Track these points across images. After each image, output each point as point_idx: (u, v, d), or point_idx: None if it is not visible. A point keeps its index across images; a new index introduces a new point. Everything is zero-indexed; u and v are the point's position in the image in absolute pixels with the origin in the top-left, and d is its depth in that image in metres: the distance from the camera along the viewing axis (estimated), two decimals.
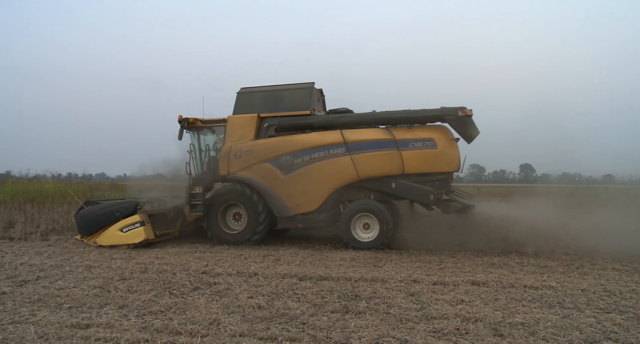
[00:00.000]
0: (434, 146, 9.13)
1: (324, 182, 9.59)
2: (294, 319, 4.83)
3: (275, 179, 9.83)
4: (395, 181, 9.37)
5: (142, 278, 6.65)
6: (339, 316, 4.91)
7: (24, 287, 6.18)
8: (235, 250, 9.13)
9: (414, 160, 9.20)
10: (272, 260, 8.09)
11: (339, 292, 5.88)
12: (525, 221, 9.11)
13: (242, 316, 4.93)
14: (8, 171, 24.87)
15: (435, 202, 9.13)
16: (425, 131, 9.35)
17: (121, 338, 4.24)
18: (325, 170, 9.55)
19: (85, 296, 5.67)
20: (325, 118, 10.12)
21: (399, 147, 9.26)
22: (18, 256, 8.49)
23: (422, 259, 8.27)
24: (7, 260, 8.08)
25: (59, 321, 4.74)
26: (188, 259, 8.15)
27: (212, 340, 4.20)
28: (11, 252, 8.99)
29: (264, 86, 10.77)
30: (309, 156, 9.64)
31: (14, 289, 6.03)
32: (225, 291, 5.93)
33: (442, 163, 9.19)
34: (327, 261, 8.00)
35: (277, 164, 9.81)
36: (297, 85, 10.54)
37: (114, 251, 9.04)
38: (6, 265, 7.64)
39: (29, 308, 5.24)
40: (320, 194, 9.64)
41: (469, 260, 8.12)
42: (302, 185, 9.68)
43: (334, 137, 9.59)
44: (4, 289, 6.03)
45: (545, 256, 8.39)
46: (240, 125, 10.27)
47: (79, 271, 7.13)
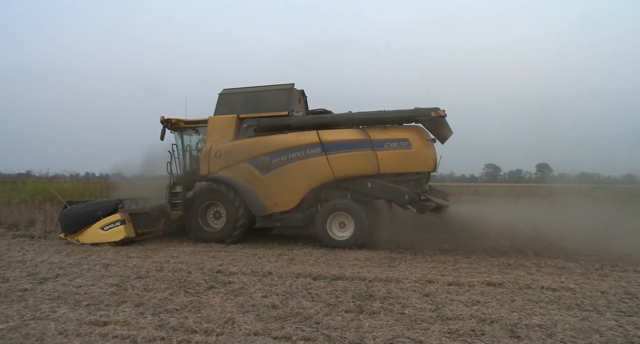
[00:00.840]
0: (409, 146, 9.24)
1: (300, 181, 9.75)
2: (308, 318, 4.83)
3: (254, 179, 10.01)
4: (371, 181, 9.49)
5: (158, 276, 6.73)
6: (353, 316, 4.90)
7: (44, 284, 6.30)
8: (249, 249, 9.18)
9: (389, 160, 9.32)
10: (286, 259, 8.11)
11: (353, 292, 5.87)
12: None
13: (257, 315, 4.95)
14: (29, 171, 25.43)
15: (410, 201, 9.20)
16: (401, 132, 9.47)
17: (138, 335, 4.29)
18: (301, 170, 9.70)
19: (102, 294, 5.76)
20: (302, 119, 10.24)
21: (374, 148, 9.39)
22: (38, 254, 8.66)
23: (437, 259, 8.21)
24: (28, 258, 8.25)
25: (77, 318, 4.82)
26: (203, 258, 8.22)
27: (227, 339, 4.23)
28: (32, 250, 9.17)
29: (245, 87, 10.96)
30: (286, 156, 9.81)
31: (34, 286, 6.15)
32: (240, 290, 5.96)
33: (417, 163, 9.30)
34: (341, 261, 8.00)
35: (255, 164, 10.01)
36: (277, 86, 10.71)
37: (131, 249, 9.15)
38: (27, 263, 7.80)
39: (49, 304, 5.34)
40: (297, 194, 9.81)
41: (485, 261, 8.04)
42: (280, 184, 9.86)
43: (310, 138, 9.74)
44: (25, 286, 6.16)
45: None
46: (221, 125, 10.49)
47: (97, 269, 7.24)
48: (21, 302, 5.46)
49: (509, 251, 8.72)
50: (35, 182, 18.59)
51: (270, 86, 10.77)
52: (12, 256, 8.47)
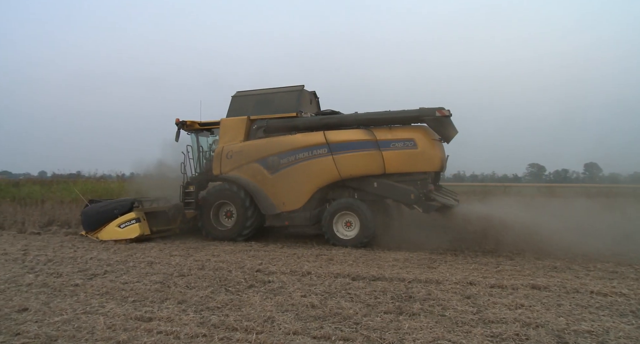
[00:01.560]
0: (415, 146, 9.26)
1: (307, 181, 9.92)
2: (347, 319, 4.83)
3: (263, 179, 10.23)
4: (377, 181, 9.54)
5: (200, 274, 6.90)
6: (392, 317, 4.86)
7: (94, 280, 6.58)
8: (288, 249, 9.26)
9: (394, 160, 9.36)
10: (325, 259, 8.13)
11: (392, 293, 5.81)
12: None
13: (296, 314, 4.99)
14: (79, 171, 26.69)
15: (415, 201, 9.19)
16: (406, 131, 9.49)
17: (181, 331, 4.41)
18: (308, 170, 9.87)
19: (147, 291, 5.95)
20: (310, 120, 10.39)
21: (380, 148, 9.45)
22: (88, 251, 9.05)
23: (479, 261, 8.02)
24: (79, 254, 8.64)
25: (124, 313, 5.00)
26: (243, 257, 8.35)
27: (266, 337, 4.27)
28: (82, 247, 9.60)
29: (257, 89, 11.22)
30: (294, 156, 9.99)
31: (85, 282, 6.43)
32: (279, 290, 6.02)
33: (423, 163, 9.31)
34: (380, 261, 7.94)
35: (264, 164, 10.23)
36: (286, 88, 10.94)
37: (174, 248, 9.42)
38: (78, 259, 8.17)
39: (98, 299, 5.57)
40: (304, 193, 9.98)
41: (529, 263, 7.78)
42: (288, 184, 10.03)
43: (317, 138, 9.88)
44: (76, 281, 6.46)
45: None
46: (232, 127, 10.77)
47: (142, 267, 7.49)
48: (73, 296, 5.73)
49: (555, 253, 8.40)
50: (85, 182, 19.48)
51: (281, 88, 11.01)
52: (64, 252, 8.89)
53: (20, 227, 12.48)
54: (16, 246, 9.66)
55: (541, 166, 63.58)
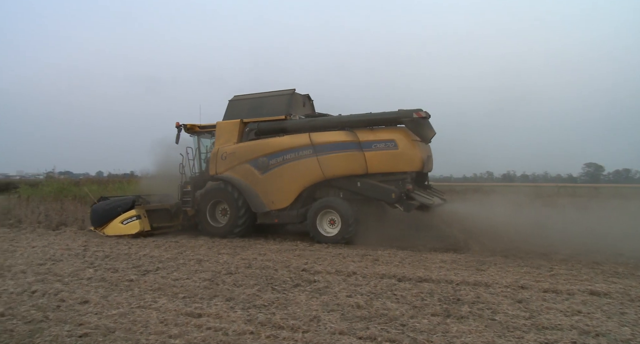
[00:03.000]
0: (395, 147, 9.56)
1: (294, 181, 10.39)
2: (393, 320, 4.77)
3: (254, 179, 10.77)
4: (360, 180, 9.89)
5: (247, 273, 7.03)
6: (440, 320, 4.76)
7: (147, 276, 6.86)
8: (334, 249, 9.27)
9: (376, 160, 9.68)
10: (371, 260, 8.07)
11: (440, 295, 5.70)
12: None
13: (342, 314, 4.98)
14: (132, 171, 27.99)
15: (396, 200, 9.44)
16: (387, 133, 9.82)
17: (229, 328, 4.51)
18: (295, 170, 10.32)
19: (197, 288, 6.13)
20: (297, 122, 10.82)
21: (363, 149, 9.78)
22: (141, 248, 9.43)
23: (530, 263, 7.71)
24: (132, 251, 9.03)
25: (175, 309, 5.18)
26: (289, 256, 8.44)
27: (312, 336, 4.30)
28: (136, 244, 10.02)
29: (252, 93, 11.76)
30: (282, 157, 10.47)
31: (139, 278, 6.71)
32: (325, 289, 6.04)
33: (403, 163, 9.62)
34: (426, 263, 7.80)
35: (255, 165, 10.77)
36: (278, 92, 11.41)
37: (222, 246, 9.65)
38: (132, 256, 8.54)
39: (151, 295, 5.80)
40: (291, 192, 10.44)
41: (586, 267, 7.40)
42: (276, 184, 10.52)
43: (302, 140, 10.30)
44: (131, 277, 6.75)
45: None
46: (226, 130, 11.36)
47: (191, 264, 7.73)
48: (128, 291, 6.00)
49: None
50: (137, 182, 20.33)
51: (273, 92, 11.49)
52: (120, 249, 9.32)
53: (81, 224, 13.20)
54: (77, 242, 10.23)
55: (599, 165, 60.25)
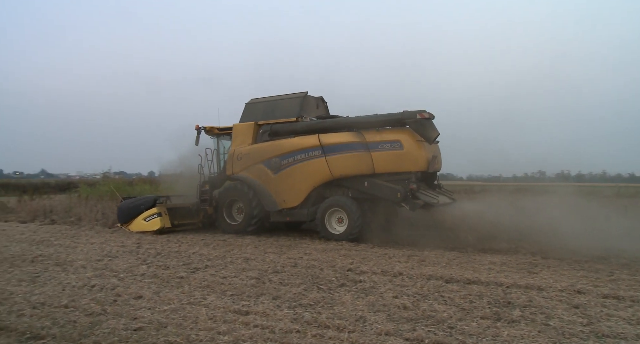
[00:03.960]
0: (401, 147, 9.76)
1: (304, 180, 10.77)
2: (440, 322, 4.68)
3: (267, 178, 11.24)
4: (367, 180, 10.13)
5: (293, 272, 7.10)
6: (489, 323, 4.62)
7: (196, 273, 7.06)
8: (379, 249, 9.20)
9: (382, 160, 9.91)
10: (417, 260, 7.95)
11: (489, 297, 5.53)
12: None
13: (388, 315, 4.94)
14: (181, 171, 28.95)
15: (402, 199, 9.63)
16: (393, 133, 10.01)
17: (275, 326, 4.57)
18: (305, 170, 10.72)
19: (244, 286, 6.26)
20: (307, 124, 11.20)
21: (369, 149, 10.02)
22: (191, 246, 9.73)
23: (587, 267, 7.35)
24: (183, 249, 9.33)
25: (223, 306, 5.30)
26: (334, 256, 8.45)
27: (358, 337, 4.28)
28: (185, 242, 10.35)
29: (267, 96, 12.21)
30: (293, 158, 10.88)
31: (188, 275, 6.93)
32: (371, 289, 6.00)
33: (409, 163, 9.78)
34: (475, 264, 7.60)
35: (268, 165, 11.24)
36: (291, 95, 11.81)
37: (268, 245, 9.80)
38: (182, 253, 8.83)
39: (200, 292, 5.97)
40: (302, 191, 10.84)
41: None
42: (288, 183, 10.95)
43: (312, 141, 10.67)
44: (181, 274, 6.98)
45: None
46: (242, 132, 11.88)
47: (238, 263, 7.89)
48: (179, 288, 6.20)
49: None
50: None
51: (286, 95, 11.90)
52: (171, 247, 9.66)
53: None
54: (131, 240, 10.68)
55: None
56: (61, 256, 8.58)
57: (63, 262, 8.08)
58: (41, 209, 16.45)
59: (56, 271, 7.39)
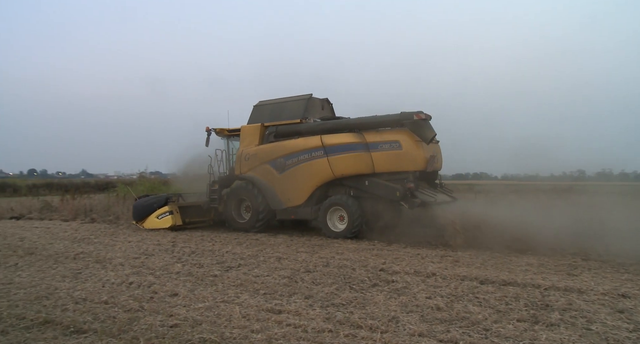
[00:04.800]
0: (400, 147, 10.04)
1: (307, 180, 11.14)
2: (475, 324, 4.59)
3: (273, 178, 11.66)
4: (368, 179, 10.44)
5: (325, 271, 7.10)
6: (526, 326, 4.49)
7: (230, 272, 7.17)
8: (412, 249, 9.10)
9: (382, 160, 10.21)
10: (451, 261, 7.82)
11: (526, 300, 5.38)
12: None
13: (421, 316, 4.88)
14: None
15: (401, 198, 9.91)
16: (392, 134, 10.27)
17: (308, 325, 4.58)
18: (308, 170, 11.09)
19: (276, 285, 6.31)
20: (310, 125, 11.55)
21: (369, 149, 10.33)
22: (224, 245, 9.89)
23: (633, 270, 7.05)
24: (216, 248, 9.49)
25: (256, 305, 5.36)
26: (366, 256, 8.41)
27: (391, 337, 4.25)
28: (219, 241, 10.52)
29: (273, 99, 12.68)
30: (297, 158, 11.26)
31: (222, 273, 7.04)
32: (403, 290, 5.94)
33: (407, 163, 10.07)
34: (510, 265, 7.41)
35: (274, 165, 11.65)
36: (296, 97, 12.27)
37: (300, 245, 9.84)
38: (216, 252, 8.98)
39: (234, 290, 6.06)
40: (305, 190, 11.21)
41: None
42: (292, 183, 11.35)
43: (315, 142, 11.04)
44: (215, 272, 7.10)
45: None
46: (249, 133, 12.35)
47: (271, 262, 7.96)
48: (213, 286, 6.31)
49: None
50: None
51: (291, 97, 12.36)
52: (205, 245, 9.84)
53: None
54: (167, 238, 10.95)
55: None
56: (101, 254, 8.89)
57: (102, 259, 8.36)
58: (82, 208, 17.10)
59: (96, 268, 7.66)
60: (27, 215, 16.76)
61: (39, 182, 38.24)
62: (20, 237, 11.27)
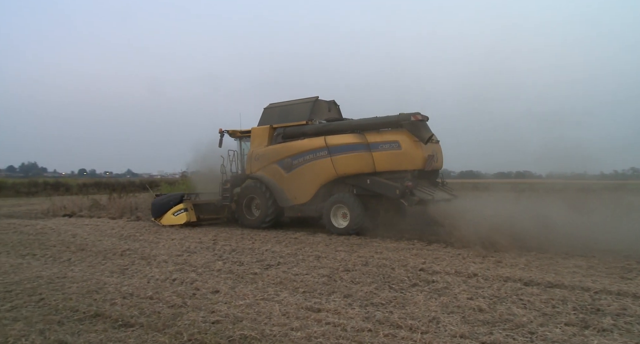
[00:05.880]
0: (399, 147, 10.47)
1: (312, 179, 11.67)
2: (519, 326, 4.45)
3: (281, 177, 12.24)
4: (370, 178, 10.86)
5: (364, 270, 7.07)
6: (575, 331, 4.31)
7: (269, 270, 7.26)
8: (452, 249, 8.92)
9: (383, 160, 10.65)
10: (493, 261, 7.62)
11: (575, 303, 5.17)
12: None
13: (462, 317, 4.77)
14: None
15: (401, 196, 10.29)
16: (392, 134, 10.71)
17: (347, 324, 4.57)
18: (313, 169, 11.62)
19: (316, 283, 6.33)
20: (315, 127, 12.09)
21: (371, 149, 10.76)
22: (263, 243, 10.02)
23: None
24: (256, 246, 9.63)
25: (296, 303, 5.40)
26: (406, 255, 8.31)
27: (432, 338, 4.18)
28: (259, 239, 10.67)
29: (282, 101, 13.27)
30: (303, 158, 11.78)
31: (262, 271, 7.14)
32: (444, 290, 5.84)
33: (406, 162, 10.47)
34: (557, 267, 7.14)
35: (281, 165, 12.22)
36: (302, 100, 12.80)
37: (338, 243, 9.84)
38: (256, 250, 9.11)
39: (273, 288, 6.13)
40: (310, 189, 11.75)
41: None
42: (298, 181, 11.89)
43: (319, 143, 11.54)
44: (255, 270, 7.21)
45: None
46: (259, 134, 13.02)
47: (310, 260, 7.99)
48: (253, 284, 6.41)
49: None
50: None
51: (299, 100, 12.89)
52: (244, 244, 10.00)
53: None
54: (208, 236, 11.20)
55: None
56: (146, 251, 9.20)
57: (147, 256, 8.65)
58: (128, 206, 17.72)
59: (142, 264, 7.93)
60: (78, 213, 17.55)
61: (88, 181, 40.03)
62: (73, 234, 11.82)
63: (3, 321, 4.87)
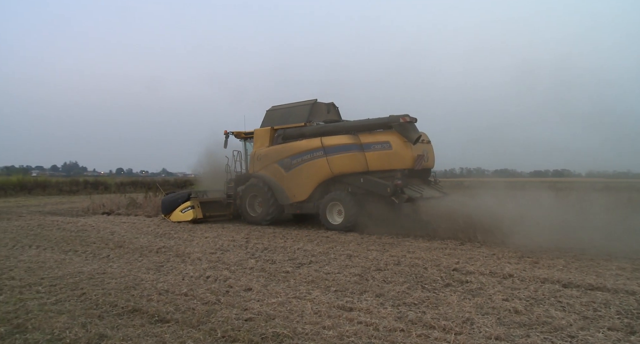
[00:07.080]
0: (390, 147, 11.03)
1: (310, 178, 12.26)
2: (558, 329, 4.31)
3: (281, 176, 12.87)
4: (363, 177, 11.45)
5: (396, 270, 7.02)
6: (620, 336, 4.15)
7: (301, 269, 7.29)
8: (486, 249, 8.75)
9: (375, 159, 11.23)
10: (529, 262, 7.42)
11: (619, 307, 4.97)
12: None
13: (498, 318, 4.67)
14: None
15: (392, 194, 10.82)
16: (384, 135, 11.27)
17: (379, 324, 4.55)
18: (310, 169, 12.22)
19: (347, 282, 6.32)
20: (312, 128, 12.72)
21: (364, 150, 11.34)
22: (295, 242, 10.07)
23: None
24: (288, 245, 9.69)
25: (328, 301, 5.41)
26: (439, 255, 8.20)
27: (466, 339, 4.10)
28: (290, 238, 10.74)
29: (283, 104, 13.90)
30: (301, 158, 12.40)
31: (294, 270, 7.18)
32: (478, 291, 5.73)
33: (397, 161, 11.00)
34: (598, 269, 6.89)
35: (281, 165, 12.86)
36: (302, 102, 13.41)
37: (370, 242, 9.80)
38: (288, 249, 9.17)
39: (305, 287, 6.15)
40: (308, 187, 12.34)
41: None
42: (297, 180, 12.50)
43: (316, 143, 12.14)
44: (287, 268, 7.26)
45: None
46: (261, 135, 13.73)
47: (342, 259, 7.99)
48: (285, 282, 6.45)
49: None
50: None
51: (299, 102, 13.53)
52: (277, 242, 10.09)
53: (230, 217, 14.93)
54: (240, 234, 11.36)
55: None
56: (180, 248, 9.41)
57: (182, 254, 8.85)
58: None
59: (176, 261, 8.12)
60: (116, 211, 18.09)
61: (125, 180, 41.21)
62: (111, 232, 12.21)
63: (49, 314, 5.09)
